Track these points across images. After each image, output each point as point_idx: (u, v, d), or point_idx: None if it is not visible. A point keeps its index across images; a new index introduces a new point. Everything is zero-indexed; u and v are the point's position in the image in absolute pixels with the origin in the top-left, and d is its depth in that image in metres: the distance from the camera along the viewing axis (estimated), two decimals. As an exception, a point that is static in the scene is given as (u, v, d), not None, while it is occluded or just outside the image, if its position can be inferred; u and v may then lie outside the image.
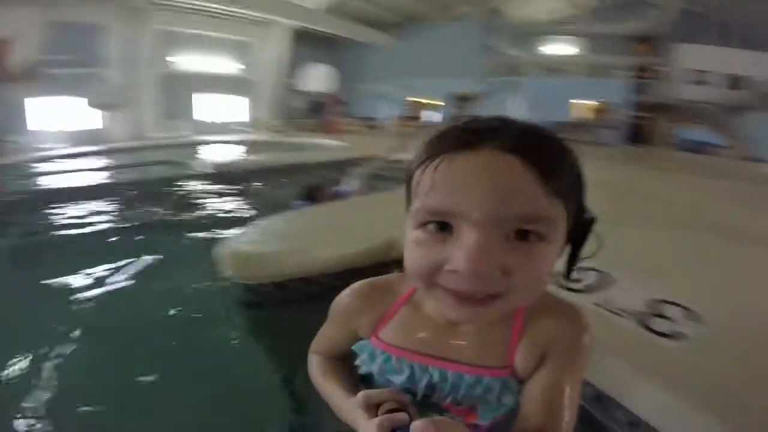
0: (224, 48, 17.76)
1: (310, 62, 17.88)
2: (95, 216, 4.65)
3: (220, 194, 5.89)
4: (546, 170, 0.54)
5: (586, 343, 0.73)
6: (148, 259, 3.26)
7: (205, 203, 5.42)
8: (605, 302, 1.83)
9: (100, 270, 3.09)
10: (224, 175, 6.60)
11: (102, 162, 8.58)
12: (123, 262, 3.19)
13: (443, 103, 19.09)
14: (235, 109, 18.59)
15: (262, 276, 2.08)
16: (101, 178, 6.91)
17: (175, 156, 8.69)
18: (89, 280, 2.93)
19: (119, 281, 2.92)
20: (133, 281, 2.94)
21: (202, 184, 6.38)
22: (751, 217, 4.19)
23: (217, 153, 10.07)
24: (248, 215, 4.61)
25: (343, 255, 2.22)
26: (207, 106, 17.77)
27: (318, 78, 16.39)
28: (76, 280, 2.92)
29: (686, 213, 4.10)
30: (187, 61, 16.84)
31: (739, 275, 2.44)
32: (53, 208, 4.84)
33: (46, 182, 6.37)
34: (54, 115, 12.74)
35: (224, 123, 17.26)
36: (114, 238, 4.02)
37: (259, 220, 2.84)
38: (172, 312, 2.25)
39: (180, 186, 6.29)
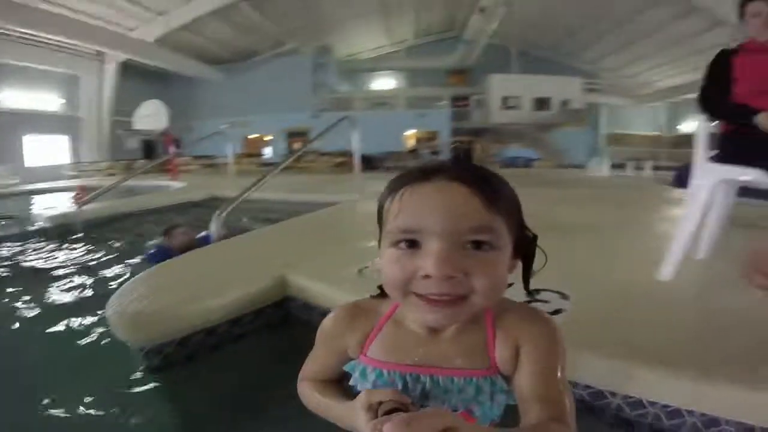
0: (51, 83, 15.93)
1: (142, 99, 16.78)
2: None
3: (64, 250, 5.01)
4: (486, 194, 0.68)
5: (555, 331, 0.82)
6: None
7: (53, 262, 4.57)
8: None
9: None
10: (63, 228, 5.71)
11: None
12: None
13: (277, 139, 19.20)
14: (64, 151, 16.74)
15: (162, 335, 1.86)
16: None
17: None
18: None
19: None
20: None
21: (39, 241, 5.40)
22: (573, 213, 4.86)
23: (51, 203, 8.66)
24: (105, 270, 4.01)
25: (244, 297, 2.10)
26: (33, 149, 15.73)
27: (151, 115, 15.39)
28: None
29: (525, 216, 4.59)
30: (12, 98, 14.78)
31: (580, 258, 2.81)
32: None
33: None
34: None
35: (54, 167, 15.17)
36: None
37: (140, 274, 2.54)
38: (60, 392, 1.73)
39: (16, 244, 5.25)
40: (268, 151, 19.30)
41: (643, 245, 3.08)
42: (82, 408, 1.50)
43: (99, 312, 2.11)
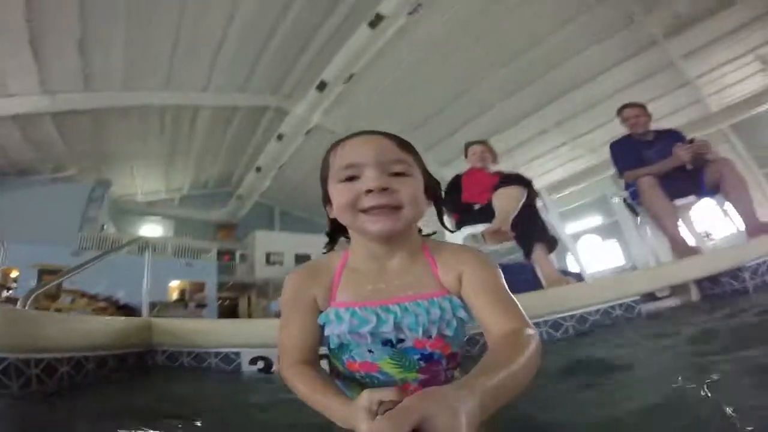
0: None
1: None
2: None
3: None
4: (399, 141, 0.98)
5: (486, 256, 1.02)
6: None
7: None
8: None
9: None
10: None
11: None
12: None
13: (26, 276, 16.18)
14: None
15: (28, 345, 1.56)
16: None
17: None
18: None
19: None
20: None
21: None
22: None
23: None
24: None
25: (110, 330, 1.97)
26: None
27: None
28: None
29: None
30: None
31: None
32: None
33: None
34: None
35: None
36: None
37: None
38: None
39: None
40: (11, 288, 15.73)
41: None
42: None
43: None
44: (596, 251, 14.86)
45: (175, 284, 18.52)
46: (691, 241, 3.30)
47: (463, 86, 13.02)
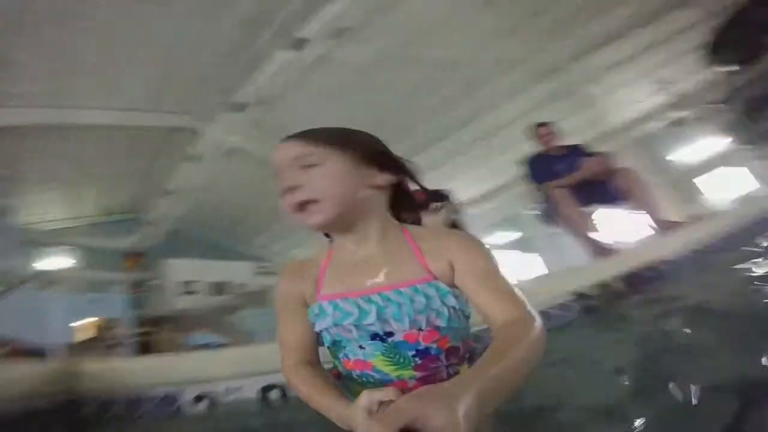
0: None
1: None
2: None
3: None
4: (302, 136, 1.00)
5: (476, 239, 1.00)
6: None
7: None
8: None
9: None
10: None
11: None
12: None
13: None
14: None
15: None
16: None
17: None
18: None
19: None
20: None
21: None
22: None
23: None
24: None
25: (32, 376, 1.83)
26: None
27: None
28: None
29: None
30: None
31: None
32: None
33: None
34: None
35: None
36: None
37: None
38: None
39: None
40: None
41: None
42: None
43: None
44: (518, 266, 15.36)
45: (85, 322, 17.11)
46: (605, 244, 3.62)
47: (382, 112, 13.32)
